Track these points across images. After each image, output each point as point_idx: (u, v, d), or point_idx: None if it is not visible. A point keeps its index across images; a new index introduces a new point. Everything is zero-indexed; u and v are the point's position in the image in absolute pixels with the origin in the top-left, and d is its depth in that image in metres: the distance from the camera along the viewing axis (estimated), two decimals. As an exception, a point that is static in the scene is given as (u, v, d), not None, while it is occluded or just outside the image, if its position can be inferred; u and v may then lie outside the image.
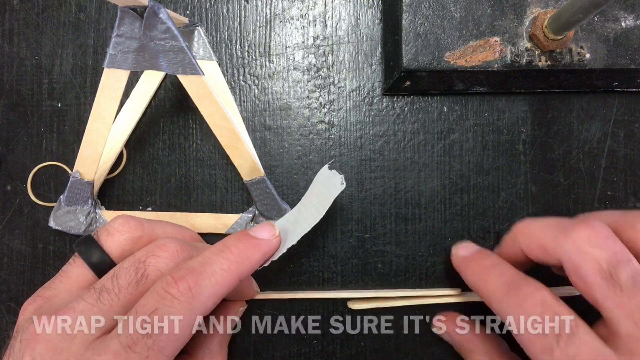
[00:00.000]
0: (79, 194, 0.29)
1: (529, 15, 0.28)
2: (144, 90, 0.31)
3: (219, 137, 0.28)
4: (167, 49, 0.25)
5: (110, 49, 0.26)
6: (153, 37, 0.25)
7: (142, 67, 0.26)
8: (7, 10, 0.32)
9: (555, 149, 0.31)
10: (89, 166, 0.28)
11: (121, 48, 0.25)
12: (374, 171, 0.31)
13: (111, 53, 0.26)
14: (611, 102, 0.31)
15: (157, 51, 0.25)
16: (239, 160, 0.29)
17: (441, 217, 0.31)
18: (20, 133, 0.31)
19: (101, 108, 0.27)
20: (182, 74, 0.26)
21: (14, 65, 0.31)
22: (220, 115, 0.27)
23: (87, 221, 0.30)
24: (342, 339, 0.30)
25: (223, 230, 0.30)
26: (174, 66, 0.26)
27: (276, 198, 0.29)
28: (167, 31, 0.25)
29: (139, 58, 0.26)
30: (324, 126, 0.31)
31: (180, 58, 0.25)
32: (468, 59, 0.28)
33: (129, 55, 0.26)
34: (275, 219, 0.29)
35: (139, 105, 0.31)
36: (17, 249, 0.31)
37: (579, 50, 0.28)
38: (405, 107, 0.31)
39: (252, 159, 0.29)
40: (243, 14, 0.32)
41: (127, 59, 0.26)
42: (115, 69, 0.26)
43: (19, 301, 0.31)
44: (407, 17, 0.28)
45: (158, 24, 0.25)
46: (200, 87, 0.26)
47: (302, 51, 0.31)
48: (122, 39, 0.25)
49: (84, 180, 0.29)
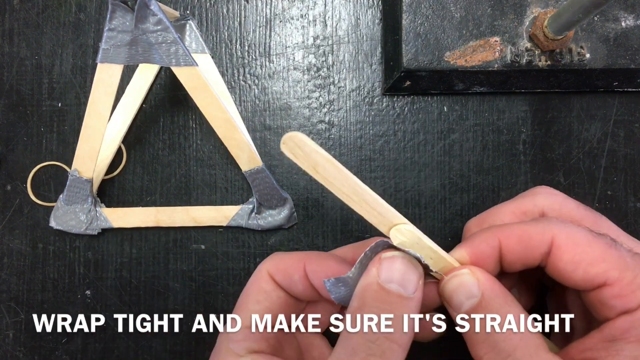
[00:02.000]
0: (78, 192, 0.29)
1: (529, 15, 0.28)
2: (138, 86, 0.31)
3: (215, 128, 0.28)
4: (159, 41, 0.25)
5: (102, 44, 0.25)
6: (145, 30, 0.25)
7: (136, 60, 0.26)
8: (7, 10, 0.32)
9: (556, 149, 0.31)
10: (87, 164, 0.28)
11: (114, 42, 0.25)
12: (374, 171, 0.31)
13: (104, 48, 0.25)
14: (611, 102, 0.31)
15: (150, 44, 0.25)
16: (236, 151, 0.29)
17: (441, 217, 0.31)
18: (20, 133, 0.31)
19: (96, 104, 0.27)
20: (176, 65, 0.26)
21: (14, 65, 0.31)
22: (216, 106, 0.27)
23: (87, 219, 0.30)
24: (342, 339, 0.30)
25: (224, 223, 0.30)
26: (167, 58, 0.26)
27: (276, 187, 0.30)
28: (159, 23, 0.25)
29: (132, 52, 0.26)
30: (324, 126, 0.31)
31: (174, 50, 0.25)
32: (468, 59, 0.28)
33: (122, 50, 0.25)
34: (275, 209, 0.29)
35: (134, 102, 0.31)
36: (17, 249, 0.31)
37: (579, 50, 0.28)
38: (405, 107, 0.31)
39: (249, 149, 0.29)
40: (243, 14, 0.32)
41: (120, 53, 0.26)
42: (108, 64, 0.26)
43: (19, 301, 0.31)
44: (407, 17, 0.28)
45: (149, 16, 0.25)
46: (195, 78, 0.26)
47: (302, 51, 0.31)
48: (114, 33, 0.25)
49: (82, 178, 0.29)
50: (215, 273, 0.31)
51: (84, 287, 0.31)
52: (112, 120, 0.30)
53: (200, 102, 0.27)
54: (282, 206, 0.30)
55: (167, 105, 0.31)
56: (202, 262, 0.31)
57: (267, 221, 0.30)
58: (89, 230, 0.30)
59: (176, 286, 0.30)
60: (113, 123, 0.30)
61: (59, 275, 0.31)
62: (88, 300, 0.30)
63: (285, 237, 0.31)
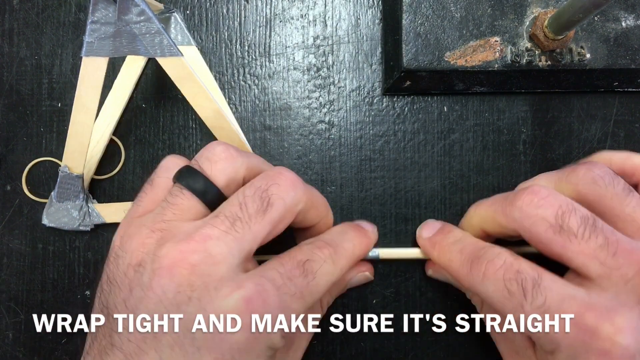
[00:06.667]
0: (69, 188, 0.29)
1: (529, 15, 0.28)
2: (126, 80, 0.31)
3: (204, 118, 0.28)
4: (143, 32, 0.25)
5: (86, 37, 0.25)
6: (128, 21, 0.25)
7: (121, 52, 0.26)
8: (7, 10, 0.32)
9: (556, 149, 0.31)
10: (77, 159, 0.28)
11: (97, 35, 0.25)
12: (374, 171, 0.31)
13: (88, 41, 0.25)
14: (611, 102, 0.31)
15: (134, 35, 0.25)
16: (226, 140, 0.29)
17: (441, 217, 0.30)
18: (20, 133, 0.31)
19: (83, 99, 0.27)
20: (161, 56, 0.26)
21: (14, 65, 0.31)
22: (204, 96, 0.27)
23: (80, 216, 0.30)
24: (342, 339, 0.30)
25: None
26: (152, 49, 0.25)
27: None
28: (141, 13, 0.25)
29: (117, 44, 0.25)
30: (324, 126, 0.31)
31: (158, 40, 0.25)
32: (468, 59, 0.28)
33: (106, 42, 0.25)
34: None
35: (122, 96, 0.31)
36: (16, 249, 0.31)
37: (579, 50, 0.28)
38: (406, 107, 0.31)
39: (239, 138, 0.29)
40: (243, 14, 0.32)
41: (104, 46, 0.25)
42: (93, 57, 0.26)
43: (18, 301, 0.31)
44: (407, 17, 0.28)
45: (132, 7, 0.25)
46: (181, 68, 0.26)
47: (302, 51, 0.31)
48: (98, 25, 0.25)
49: (73, 174, 0.29)
50: (215, 273, 0.31)
51: (83, 287, 0.31)
52: (100, 116, 0.30)
53: (187, 93, 0.27)
54: None
55: (167, 105, 0.31)
56: (202, 262, 0.31)
57: None
58: (82, 227, 0.30)
59: (176, 286, 0.30)
60: (102, 118, 0.30)
61: (59, 275, 0.31)
62: (88, 301, 0.30)
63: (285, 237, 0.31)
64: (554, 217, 0.22)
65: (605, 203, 0.23)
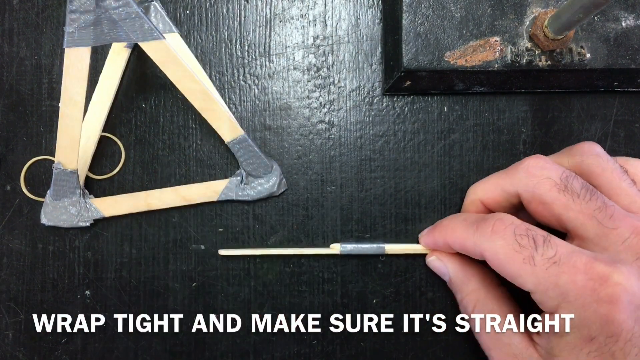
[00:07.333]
0: (65, 185, 0.29)
1: (529, 15, 0.28)
2: (111, 73, 0.31)
3: (192, 101, 0.28)
4: (123, 17, 0.25)
5: (66, 27, 0.25)
6: (107, 7, 0.25)
7: (103, 40, 0.25)
8: (7, 10, 0.32)
9: (556, 149, 0.31)
10: (69, 154, 0.28)
11: (77, 24, 0.25)
12: (374, 171, 0.31)
13: (69, 31, 0.25)
14: (611, 102, 0.31)
15: (114, 21, 0.25)
16: (217, 123, 0.29)
17: (441, 217, 0.30)
18: (19, 133, 0.31)
19: (70, 91, 0.27)
20: (143, 40, 0.25)
21: (14, 65, 0.31)
22: (190, 79, 0.27)
23: (78, 212, 0.30)
24: (342, 339, 0.30)
25: (214, 198, 0.30)
26: (133, 34, 0.25)
27: (260, 155, 0.30)
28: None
29: (98, 32, 0.25)
30: (324, 126, 0.31)
31: (139, 25, 0.25)
32: (468, 59, 0.28)
33: (87, 31, 0.25)
34: (263, 177, 0.30)
35: (109, 89, 0.31)
36: (16, 249, 0.31)
37: (579, 50, 0.28)
38: (405, 107, 0.31)
39: (229, 119, 0.29)
40: (243, 14, 0.32)
41: (86, 35, 0.25)
42: (76, 48, 0.25)
43: (18, 301, 0.31)
44: (407, 16, 0.28)
45: None
46: (164, 52, 0.26)
47: (302, 51, 0.31)
48: (77, 14, 0.25)
49: (67, 170, 0.29)
50: (215, 273, 0.31)
51: (83, 287, 0.31)
52: (90, 110, 0.30)
53: (173, 76, 0.27)
54: (270, 173, 0.30)
55: (167, 105, 0.31)
56: (201, 262, 0.31)
57: (257, 190, 0.30)
58: (81, 223, 0.30)
59: (176, 286, 0.30)
60: (91, 112, 0.30)
61: (59, 275, 0.31)
62: (88, 301, 0.30)
63: (285, 238, 0.31)
64: (559, 178, 0.24)
65: (606, 175, 0.24)
